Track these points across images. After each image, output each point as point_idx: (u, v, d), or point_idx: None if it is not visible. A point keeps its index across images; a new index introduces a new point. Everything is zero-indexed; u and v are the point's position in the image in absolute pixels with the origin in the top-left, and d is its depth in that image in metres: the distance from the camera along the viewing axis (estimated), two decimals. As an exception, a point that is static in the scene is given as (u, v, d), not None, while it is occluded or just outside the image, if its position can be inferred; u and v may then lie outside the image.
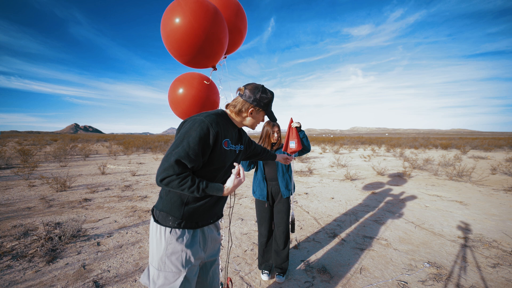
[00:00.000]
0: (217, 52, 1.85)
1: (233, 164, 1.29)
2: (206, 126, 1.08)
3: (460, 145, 21.39)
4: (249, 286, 2.17)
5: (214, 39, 1.76)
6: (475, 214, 4.11)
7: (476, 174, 7.88)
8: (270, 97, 1.28)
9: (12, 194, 5.00)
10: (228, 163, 1.24)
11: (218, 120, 1.16)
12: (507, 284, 2.18)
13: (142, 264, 2.46)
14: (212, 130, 1.09)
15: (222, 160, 1.18)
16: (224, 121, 1.22)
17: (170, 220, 1.11)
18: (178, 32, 1.64)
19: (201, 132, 1.06)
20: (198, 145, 1.04)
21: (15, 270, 2.29)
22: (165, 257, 1.09)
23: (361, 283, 2.20)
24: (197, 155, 1.04)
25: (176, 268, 1.09)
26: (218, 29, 1.75)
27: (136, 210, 4.14)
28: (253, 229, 3.41)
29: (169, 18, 1.64)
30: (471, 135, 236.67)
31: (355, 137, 42.20)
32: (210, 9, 1.68)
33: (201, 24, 1.63)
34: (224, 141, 1.18)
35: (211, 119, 1.12)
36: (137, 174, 7.71)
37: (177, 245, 1.10)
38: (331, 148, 19.78)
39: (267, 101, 1.27)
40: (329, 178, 7.47)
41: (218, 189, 1.11)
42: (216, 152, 1.13)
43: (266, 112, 1.30)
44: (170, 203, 1.13)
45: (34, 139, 27.24)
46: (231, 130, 1.28)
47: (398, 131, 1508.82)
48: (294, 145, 2.16)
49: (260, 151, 1.71)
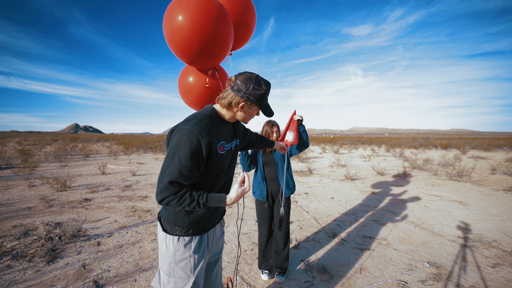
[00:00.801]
0: (222, 52, 1.80)
1: (233, 163, 1.26)
2: (196, 138, 0.98)
3: (460, 145, 21.39)
4: (249, 286, 2.18)
5: (219, 38, 1.70)
6: (475, 214, 4.11)
7: (476, 174, 7.88)
8: (265, 90, 1.10)
9: (12, 194, 5.00)
10: (227, 164, 1.18)
11: (208, 126, 1.04)
12: (507, 284, 2.18)
13: (142, 264, 2.46)
14: (203, 141, 0.99)
15: (221, 165, 1.11)
16: (214, 122, 1.10)
17: (177, 229, 1.11)
18: (181, 31, 1.58)
19: (191, 146, 0.96)
20: (190, 161, 0.96)
21: (15, 270, 2.29)
22: (174, 263, 1.10)
23: (361, 283, 2.20)
24: (191, 171, 0.97)
25: (185, 273, 1.10)
26: (223, 28, 1.69)
27: (136, 210, 4.14)
28: (253, 229, 3.42)
29: (172, 16, 1.58)
30: (471, 135, 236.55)
31: (355, 137, 42.19)
32: (215, 6, 1.62)
33: (206, 22, 1.58)
34: (219, 145, 1.09)
35: (199, 127, 1.01)
36: (137, 174, 7.71)
37: (185, 251, 1.10)
38: (331, 148, 19.78)
39: (260, 94, 1.09)
40: (329, 178, 7.48)
41: (220, 200, 1.03)
42: (212, 159, 1.05)
43: (260, 106, 1.14)
44: (174, 214, 1.11)
45: (34, 139, 27.24)
46: (224, 128, 1.16)
47: (398, 131, 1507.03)
48: (291, 137, 2.00)
49: (256, 140, 1.59)
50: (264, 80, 1.12)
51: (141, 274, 2.30)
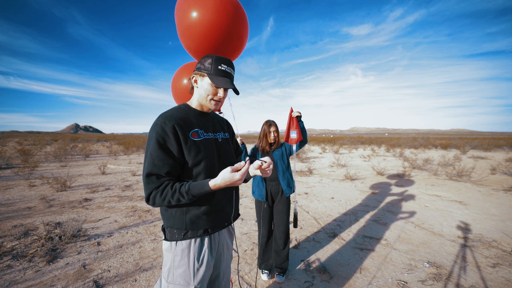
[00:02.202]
0: (237, 49, 1.77)
1: (226, 156, 1.19)
2: (160, 126, 1.00)
3: (459, 145, 21.39)
4: (249, 286, 2.18)
5: (235, 35, 1.66)
6: (475, 214, 4.11)
7: (476, 174, 7.88)
8: (213, 57, 1.07)
9: (12, 194, 5.01)
10: (210, 154, 1.10)
11: (174, 114, 1.06)
12: (507, 284, 2.18)
13: (142, 264, 2.47)
14: (167, 127, 1.00)
15: (196, 152, 1.05)
16: (183, 111, 1.11)
17: (175, 233, 1.07)
18: (198, 27, 1.54)
19: (157, 135, 0.99)
20: (159, 149, 0.98)
21: (15, 270, 2.29)
22: (173, 268, 1.07)
23: (361, 282, 2.21)
24: (163, 159, 0.98)
25: (185, 281, 1.05)
26: (239, 25, 1.66)
27: (136, 210, 4.14)
28: (253, 229, 3.42)
29: (188, 12, 1.53)
30: (471, 135, 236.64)
31: (355, 137, 42.18)
32: (233, 3, 1.59)
33: (224, 19, 1.55)
34: (192, 132, 1.07)
35: (164, 117, 1.03)
36: (137, 174, 7.70)
37: (183, 256, 1.06)
38: (331, 148, 19.78)
39: (207, 62, 1.07)
40: (329, 178, 7.48)
41: (202, 185, 0.96)
42: (186, 146, 1.03)
43: (209, 74, 1.06)
44: (172, 217, 1.08)
45: (34, 139, 27.25)
46: (198, 118, 1.14)
47: (398, 131, 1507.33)
48: (295, 135, 2.15)
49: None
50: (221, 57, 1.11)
51: (141, 274, 2.30)
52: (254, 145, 2.39)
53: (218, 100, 1.11)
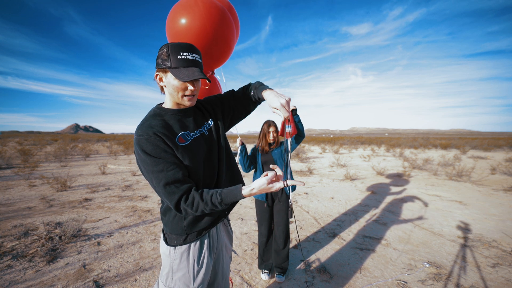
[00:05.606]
0: (224, 53, 1.82)
1: (220, 151, 1.14)
2: (145, 140, 0.91)
3: (459, 145, 21.39)
4: (249, 285, 2.18)
5: (221, 41, 1.72)
6: (475, 214, 4.11)
7: (476, 174, 7.88)
8: (170, 46, 0.92)
9: (12, 194, 5.01)
10: (204, 153, 1.05)
11: (152, 124, 0.95)
12: (507, 284, 2.19)
13: (142, 264, 2.47)
14: (151, 138, 0.91)
15: (190, 158, 0.98)
16: (159, 117, 1.00)
17: (174, 239, 1.06)
18: (186, 33, 1.60)
19: (147, 150, 0.91)
20: (156, 158, 0.91)
21: (15, 270, 2.29)
22: (172, 273, 1.05)
23: (361, 282, 2.21)
24: (169, 163, 0.92)
25: (184, 285, 1.04)
26: (226, 31, 1.71)
27: (136, 210, 4.14)
28: (253, 229, 3.42)
29: (177, 18, 1.60)
30: (471, 135, 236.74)
31: (355, 137, 42.19)
32: (218, 10, 1.64)
33: (211, 25, 1.59)
34: (178, 137, 0.97)
35: (142, 130, 0.93)
36: (138, 174, 7.70)
37: (182, 260, 1.04)
38: (331, 148, 19.78)
39: (165, 51, 0.92)
40: (329, 178, 7.48)
41: (235, 194, 0.92)
42: (178, 152, 0.96)
43: (170, 69, 0.93)
44: (171, 222, 1.06)
45: (34, 139, 27.26)
46: (178, 119, 1.03)
47: (398, 131, 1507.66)
48: (289, 129, 2.13)
49: (233, 98, 1.23)
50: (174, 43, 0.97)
51: (141, 274, 2.30)
52: (254, 145, 2.40)
53: (191, 95, 0.99)
